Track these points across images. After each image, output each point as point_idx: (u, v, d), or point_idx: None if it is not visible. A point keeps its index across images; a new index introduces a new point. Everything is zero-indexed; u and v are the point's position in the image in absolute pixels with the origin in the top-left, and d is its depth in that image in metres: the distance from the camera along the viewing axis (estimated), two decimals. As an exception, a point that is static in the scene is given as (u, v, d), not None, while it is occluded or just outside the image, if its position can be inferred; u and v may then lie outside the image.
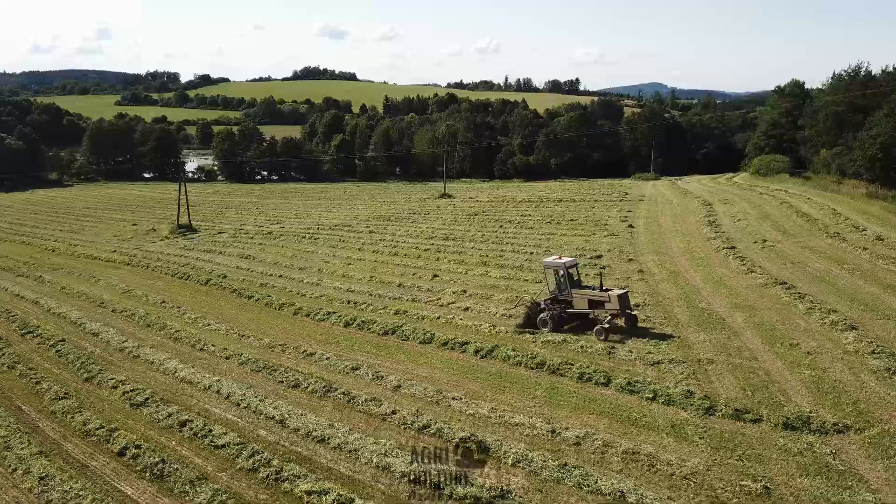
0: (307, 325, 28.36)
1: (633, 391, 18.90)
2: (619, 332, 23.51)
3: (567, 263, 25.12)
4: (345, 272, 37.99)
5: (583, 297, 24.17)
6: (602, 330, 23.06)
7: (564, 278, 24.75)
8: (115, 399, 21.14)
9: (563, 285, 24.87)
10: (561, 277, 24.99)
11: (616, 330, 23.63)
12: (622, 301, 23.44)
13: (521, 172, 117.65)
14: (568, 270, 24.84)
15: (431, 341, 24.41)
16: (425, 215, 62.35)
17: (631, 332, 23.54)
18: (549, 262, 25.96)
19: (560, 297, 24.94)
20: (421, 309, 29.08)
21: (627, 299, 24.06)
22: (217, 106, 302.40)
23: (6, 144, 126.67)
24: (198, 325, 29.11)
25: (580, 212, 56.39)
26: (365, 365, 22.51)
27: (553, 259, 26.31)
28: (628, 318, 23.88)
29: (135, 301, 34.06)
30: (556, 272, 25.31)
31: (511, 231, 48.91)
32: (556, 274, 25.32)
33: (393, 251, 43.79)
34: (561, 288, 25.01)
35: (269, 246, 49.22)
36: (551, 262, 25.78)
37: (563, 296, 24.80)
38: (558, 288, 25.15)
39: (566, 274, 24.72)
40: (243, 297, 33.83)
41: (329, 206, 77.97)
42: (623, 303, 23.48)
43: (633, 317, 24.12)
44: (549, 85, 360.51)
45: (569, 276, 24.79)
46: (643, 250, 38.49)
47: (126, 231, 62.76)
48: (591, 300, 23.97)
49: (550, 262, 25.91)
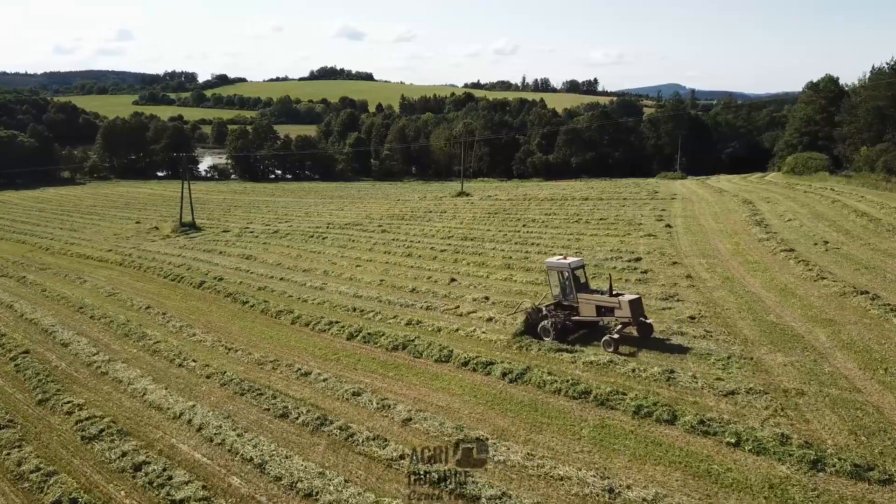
0: (305, 336, 24.54)
1: (708, 432, 14.76)
2: (631, 343, 20.21)
3: (573, 264, 22.02)
4: (352, 275, 34.18)
5: (590, 303, 21.25)
6: (611, 341, 20.01)
7: (569, 281, 21.79)
8: (65, 429, 17.47)
9: (567, 289, 21.91)
10: (566, 280, 21.96)
11: (625, 340, 20.36)
12: (634, 307, 20.44)
13: (541, 171, 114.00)
14: (574, 272, 21.83)
15: (449, 359, 20.44)
16: (441, 214, 58.40)
17: (643, 343, 20.31)
18: (552, 263, 22.71)
19: (564, 302, 21.97)
20: (437, 319, 25.15)
21: (641, 305, 21.04)
22: (233, 105, 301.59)
23: (19, 142, 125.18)
24: (181, 335, 25.44)
25: (609, 210, 52.05)
26: (369, 389, 18.60)
27: (557, 259, 22.99)
28: (642, 327, 20.88)
29: (117, 306, 30.54)
30: (559, 274, 22.20)
31: (535, 231, 44.79)
32: (559, 276, 22.23)
33: (406, 252, 39.92)
34: (566, 292, 21.97)
35: (274, 245, 45.62)
36: (555, 263, 22.53)
37: (568, 301, 21.82)
38: (562, 292, 22.11)
39: (571, 276, 21.75)
40: (238, 302, 30.15)
41: (341, 204, 74.41)
42: (635, 309, 20.48)
43: (647, 326, 21.10)
44: (567, 85, 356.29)
45: (574, 279, 21.76)
46: (687, 252, 34.18)
47: (128, 229, 59.74)
48: (599, 306, 21.12)
49: (554, 262, 22.66)
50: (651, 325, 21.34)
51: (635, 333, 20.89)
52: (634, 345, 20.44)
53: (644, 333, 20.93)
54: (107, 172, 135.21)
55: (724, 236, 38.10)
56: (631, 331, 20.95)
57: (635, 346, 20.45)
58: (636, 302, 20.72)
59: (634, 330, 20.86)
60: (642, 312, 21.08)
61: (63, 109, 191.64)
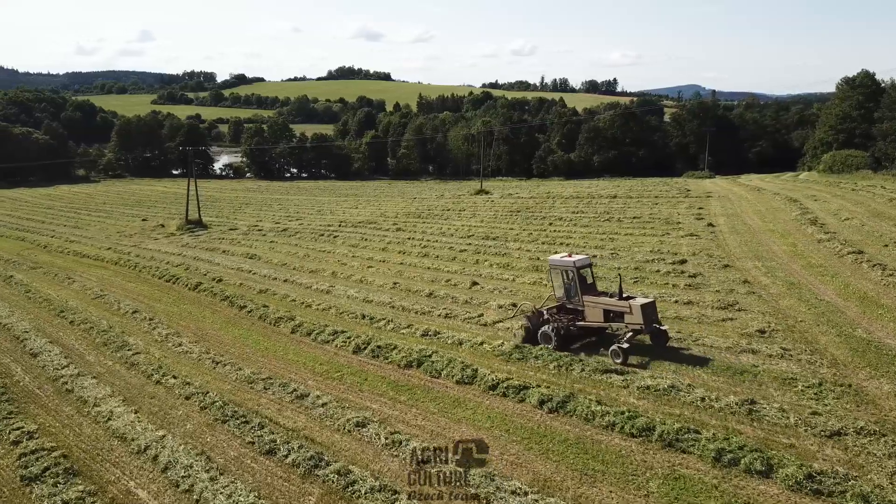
0: (306, 348, 21.26)
1: (821, 492, 11.18)
2: (643, 354, 17.63)
3: (578, 263, 19.51)
4: (363, 276, 30.88)
5: (597, 307, 18.77)
6: (619, 351, 17.58)
7: (574, 282, 19.35)
8: (5, 465, 14.33)
9: (572, 291, 19.52)
10: (570, 281, 19.53)
11: (634, 350, 17.65)
12: (647, 312, 17.95)
13: (562, 170, 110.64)
14: (579, 272, 19.38)
15: (473, 381, 17.00)
16: (460, 212, 54.98)
17: (658, 352, 17.47)
18: (555, 261, 20.16)
19: (568, 305, 19.67)
20: (457, 329, 21.73)
21: (654, 310, 18.61)
22: (251, 105, 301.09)
23: (33, 139, 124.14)
24: (166, 344, 22.30)
25: (642, 208, 48.24)
26: (376, 419, 15.23)
27: (561, 257, 20.30)
28: (655, 335, 18.49)
29: (102, 309, 27.56)
30: (563, 274, 19.76)
31: (563, 230, 41.18)
32: (563, 276, 19.78)
33: (422, 252, 36.56)
34: (570, 294, 19.62)
35: (281, 244, 42.54)
36: (559, 261, 19.99)
37: (573, 304, 19.52)
38: (566, 294, 19.77)
39: (577, 276, 19.28)
40: (234, 306, 26.98)
41: (356, 202, 71.37)
42: (648, 315, 18.00)
43: (662, 333, 18.58)
44: (586, 85, 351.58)
45: (580, 280, 19.32)
46: (738, 254, 30.39)
47: (133, 227, 57.18)
48: (607, 310, 18.65)
49: (558, 260, 20.10)
50: (666, 332, 18.68)
51: (648, 342, 18.38)
52: (646, 355, 17.61)
53: (658, 342, 18.41)
54: (121, 170, 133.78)
55: (777, 236, 34.19)
56: (643, 339, 18.41)
57: (647, 356, 17.58)
58: (649, 306, 18.16)
59: (647, 338, 18.41)
60: (656, 318, 18.56)
61: (80, 108, 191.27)
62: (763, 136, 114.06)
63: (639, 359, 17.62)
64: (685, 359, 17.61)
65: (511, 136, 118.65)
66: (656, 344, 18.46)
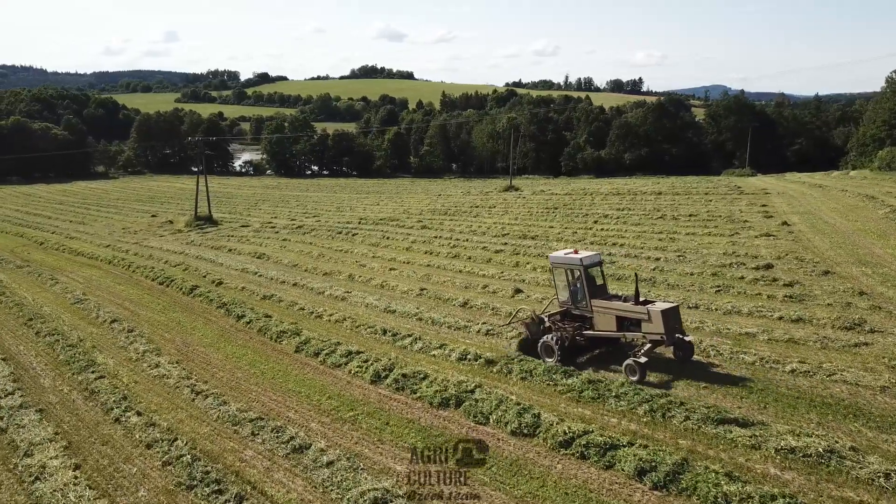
0: (311, 372, 16.76)
1: None
2: (665, 370, 14.49)
3: (586, 260, 16.43)
4: (384, 280, 26.36)
5: (608, 312, 15.85)
6: (635, 366, 14.58)
7: (581, 283, 16.35)
8: None
9: (579, 293, 16.55)
10: (576, 281, 16.53)
11: (655, 364, 14.48)
12: (669, 320, 14.89)
13: (592, 168, 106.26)
14: (587, 271, 16.35)
15: (536, 432, 12.31)
16: (491, 209, 50.26)
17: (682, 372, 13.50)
18: (557, 258, 17.07)
19: (575, 310, 16.70)
20: (505, 353, 17.02)
21: (678, 317, 15.52)
22: (273, 103, 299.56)
23: (52, 135, 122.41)
24: (141, 365, 18.00)
25: (695, 206, 43.00)
26: (402, 493, 10.62)
27: (566, 253, 17.04)
28: (680, 347, 15.50)
29: (78, 317, 23.42)
30: (568, 273, 16.71)
31: (612, 228, 36.22)
32: (568, 275, 16.72)
33: (452, 252, 31.94)
34: (576, 297, 16.64)
35: (294, 242, 38.28)
36: (562, 259, 16.84)
37: (580, 309, 16.54)
38: (572, 297, 16.80)
39: (584, 276, 16.24)
40: (232, 315, 22.63)
41: (378, 199, 67.09)
42: (670, 323, 14.94)
43: (687, 346, 15.60)
44: (611, 84, 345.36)
45: (588, 280, 16.31)
46: (835, 258, 25.20)
47: (140, 223, 53.56)
48: (620, 317, 15.72)
49: (561, 257, 16.95)
50: (691, 343, 15.68)
51: (670, 355, 15.51)
52: (670, 372, 13.90)
53: (683, 356, 15.52)
54: (141, 167, 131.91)
55: (873, 237, 28.86)
56: (664, 352, 15.49)
57: (671, 373, 13.71)
58: (671, 313, 15.06)
59: (669, 351, 15.51)
60: (680, 327, 15.50)
61: (103, 105, 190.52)
62: (802, 133, 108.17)
63: (659, 376, 13.65)
64: (826, 404, 12.74)
65: (537, 134, 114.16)
66: (680, 358, 15.38)
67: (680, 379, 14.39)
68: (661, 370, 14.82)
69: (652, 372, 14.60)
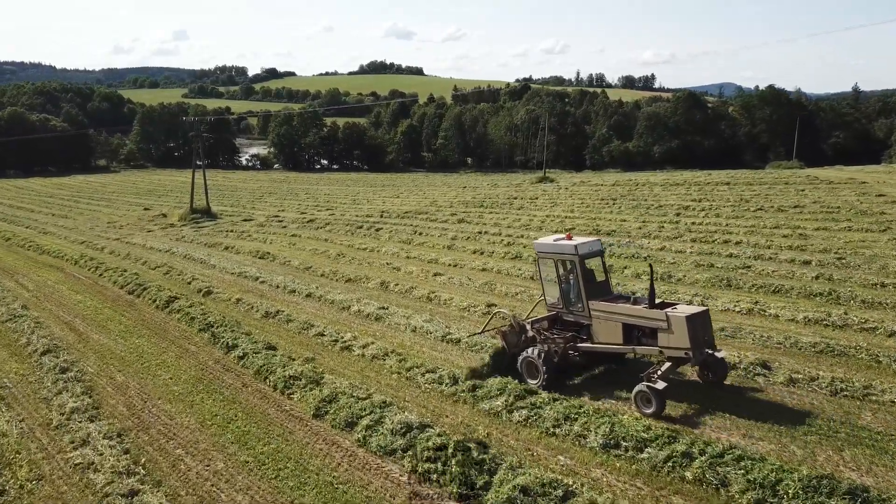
0: (343, 463, 9.60)
1: None
2: (690, 399, 10.04)
3: (582, 248, 12.04)
4: (432, 291, 19.16)
5: (613, 318, 11.33)
6: (650, 394, 10.10)
7: (576, 278, 12.00)
8: None
9: (572, 293, 12.19)
10: (569, 275, 12.23)
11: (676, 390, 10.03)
12: (695, 329, 10.30)
13: (618, 161, 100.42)
14: (583, 262, 12.00)
15: None
16: (532, 200, 43.04)
17: None
18: (544, 246, 12.82)
19: (566, 315, 12.33)
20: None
21: (707, 326, 10.75)
22: (282, 98, 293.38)
23: (51, 126, 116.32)
24: (59, 441, 10.91)
25: (787, 196, 35.52)
26: None
27: (554, 240, 12.87)
28: (708, 367, 11.00)
29: (1, 344, 16.38)
30: (559, 265, 12.44)
31: (706, 221, 28.78)
32: (559, 268, 12.45)
33: (511, 251, 24.74)
34: (569, 298, 12.25)
35: (306, 239, 31.23)
36: (550, 247, 12.62)
37: (574, 313, 12.15)
38: (563, 297, 12.42)
39: (580, 269, 11.92)
40: (219, 344, 15.50)
41: (395, 192, 60.06)
42: (697, 334, 10.33)
43: (719, 364, 11.03)
44: (623, 81, 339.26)
45: (584, 276, 11.93)
46: None
47: (130, 216, 46.82)
48: (628, 324, 11.22)
49: (548, 244, 12.73)
50: (725, 361, 11.40)
51: (697, 377, 11.34)
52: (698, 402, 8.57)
53: (715, 376, 11.24)
54: (144, 161, 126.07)
55: None
56: (689, 372, 11.41)
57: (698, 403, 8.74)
58: (698, 319, 10.61)
59: (696, 371, 11.32)
60: (710, 340, 10.98)
61: (108, 99, 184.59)
62: (840, 126, 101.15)
63: (684, 407, 8.46)
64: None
65: (557, 127, 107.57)
66: (711, 381, 11.25)
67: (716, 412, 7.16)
68: (684, 396, 7.66)
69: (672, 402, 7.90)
